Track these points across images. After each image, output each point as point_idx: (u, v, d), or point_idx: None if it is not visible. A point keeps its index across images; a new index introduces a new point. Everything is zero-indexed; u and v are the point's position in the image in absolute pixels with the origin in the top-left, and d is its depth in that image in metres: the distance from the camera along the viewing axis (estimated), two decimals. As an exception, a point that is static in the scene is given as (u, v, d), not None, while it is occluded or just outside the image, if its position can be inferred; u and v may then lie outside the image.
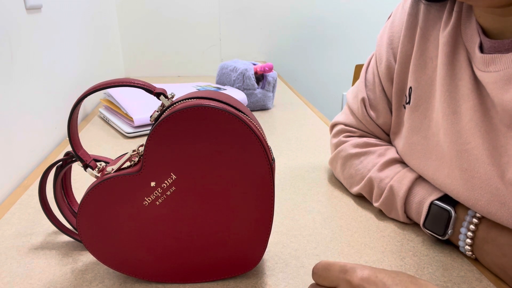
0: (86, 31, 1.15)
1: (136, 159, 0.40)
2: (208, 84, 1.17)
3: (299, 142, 0.86)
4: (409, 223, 0.54)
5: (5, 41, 0.67)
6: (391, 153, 0.58)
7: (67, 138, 0.84)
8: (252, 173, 0.39)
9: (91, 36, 1.20)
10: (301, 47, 1.76)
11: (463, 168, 0.45)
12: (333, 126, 0.68)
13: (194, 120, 0.37)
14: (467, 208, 0.47)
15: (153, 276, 0.43)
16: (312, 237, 0.52)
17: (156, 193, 0.40)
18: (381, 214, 0.57)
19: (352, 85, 1.20)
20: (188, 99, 0.40)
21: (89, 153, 0.45)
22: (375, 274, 0.28)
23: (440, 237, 0.49)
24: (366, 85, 0.62)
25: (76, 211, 0.48)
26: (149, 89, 0.40)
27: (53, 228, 0.54)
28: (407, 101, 0.55)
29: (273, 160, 0.41)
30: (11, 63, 0.69)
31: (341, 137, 0.64)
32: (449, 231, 0.47)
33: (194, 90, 1.09)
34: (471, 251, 0.46)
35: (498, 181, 0.42)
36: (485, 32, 0.45)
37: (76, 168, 0.70)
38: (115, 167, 0.40)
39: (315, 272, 0.33)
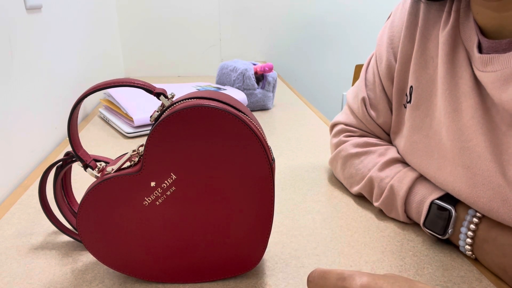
0: (86, 31, 1.15)
1: (136, 159, 0.40)
2: (208, 84, 1.17)
3: (299, 142, 0.86)
4: (409, 223, 0.54)
5: (5, 41, 0.67)
6: (391, 153, 0.58)
7: (67, 138, 0.84)
8: (252, 173, 0.39)
9: (91, 36, 1.20)
10: (301, 47, 1.76)
11: (465, 165, 0.45)
12: (333, 126, 0.68)
13: (194, 120, 0.37)
14: (468, 208, 0.47)
15: (153, 276, 0.43)
16: (312, 237, 0.52)
17: (156, 193, 0.39)
18: (381, 214, 0.57)
19: (352, 85, 1.20)
20: (188, 99, 0.40)
21: (89, 153, 0.45)
22: (374, 280, 0.28)
23: (440, 237, 0.49)
24: (366, 85, 0.62)
25: (76, 211, 0.48)
26: (149, 89, 0.40)
27: (53, 228, 0.54)
28: (408, 100, 0.55)
29: (273, 160, 0.41)
30: (11, 63, 0.69)
31: (341, 137, 0.64)
32: (449, 231, 0.47)
33: (194, 90, 1.09)
34: (471, 250, 0.46)
35: (500, 178, 0.42)
36: (483, 31, 0.45)
37: (76, 168, 0.70)
38: (115, 167, 0.40)
39: (311, 281, 0.32)
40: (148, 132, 0.78)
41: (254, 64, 1.10)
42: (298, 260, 0.47)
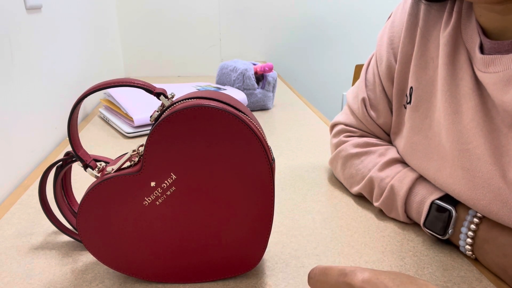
0: (86, 31, 1.15)
1: (136, 159, 0.40)
2: (208, 84, 1.17)
3: (299, 142, 0.86)
4: (409, 223, 0.54)
5: (5, 41, 0.67)
6: (391, 153, 0.58)
7: (67, 138, 0.84)
8: (252, 173, 0.39)
9: (91, 36, 1.20)
10: (301, 47, 1.76)
11: (465, 167, 0.45)
12: (333, 126, 0.68)
13: (194, 120, 0.37)
14: (468, 208, 0.47)
15: (153, 276, 0.43)
16: (312, 237, 0.52)
17: (156, 193, 0.39)
18: (381, 214, 0.57)
19: (352, 85, 1.20)
20: (188, 99, 0.40)
21: (89, 153, 0.45)
22: (376, 276, 0.28)
23: (440, 237, 0.49)
24: (366, 85, 0.62)
25: (76, 211, 0.48)
26: (149, 89, 0.40)
27: (53, 228, 0.54)
28: (408, 101, 0.55)
29: (273, 160, 0.41)
30: (11, 63, 0.69)
31: (341, 137, 0.64)
32: (450, 231, 0.47)
33: (194, 90, 1.09)
34: (471, 251, 0.46)
35: (500, 180, 0.42)
36: (485, 32, 0.45)
37: (76, 168, 0.70)
38: (115, 167, 0.40)
39: (312, 277, 0.32)
40: (148, 132, 0.78)
41: (254, 64, 1.10)
42: (298, 260, 0.47)
